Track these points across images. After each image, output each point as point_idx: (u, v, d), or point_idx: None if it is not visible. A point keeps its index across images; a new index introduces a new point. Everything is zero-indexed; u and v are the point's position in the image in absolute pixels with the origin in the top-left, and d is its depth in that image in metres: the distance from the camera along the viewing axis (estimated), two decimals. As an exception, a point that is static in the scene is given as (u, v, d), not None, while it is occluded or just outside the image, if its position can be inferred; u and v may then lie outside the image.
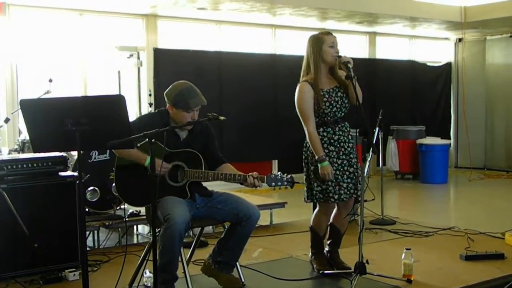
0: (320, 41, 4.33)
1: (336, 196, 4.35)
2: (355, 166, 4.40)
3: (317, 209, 4.58)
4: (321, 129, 4.38)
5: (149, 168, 3.30)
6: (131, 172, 3.96)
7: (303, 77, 4.42)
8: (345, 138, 4.41)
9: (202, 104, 4.00)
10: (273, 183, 3.89)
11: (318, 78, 4.34)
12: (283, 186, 3.95)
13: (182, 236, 3.73)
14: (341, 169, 4.37)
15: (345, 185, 4.36)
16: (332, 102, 4.35)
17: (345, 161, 4.39)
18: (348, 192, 4.38)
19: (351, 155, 4.40)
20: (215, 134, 4.32)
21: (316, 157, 4.30)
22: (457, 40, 12.45)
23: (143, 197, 3.93)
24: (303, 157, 4.49)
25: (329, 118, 4.37)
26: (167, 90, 4.06)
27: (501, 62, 11.98)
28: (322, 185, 4.34)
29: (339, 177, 4.35)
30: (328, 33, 4.41)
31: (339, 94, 4.38)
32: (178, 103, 3.96)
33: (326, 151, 4.35)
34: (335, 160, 4.36)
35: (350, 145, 4.42)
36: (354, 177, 4.39)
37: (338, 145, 4.38)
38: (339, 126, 4.40)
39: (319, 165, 4.29)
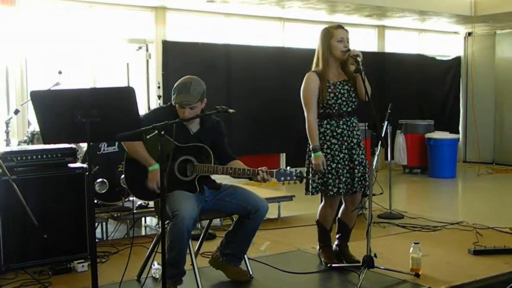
0: (329, 35, 4.34)
1: (335, 189, 4.35)
2: (357, 162, 4.37)
3: (322, 202, 4.59)
4: (325, 122, 4.39)
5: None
6: (141, 165, 3.95)
7: (313, 68, 4.43)
8: (349, 132, 4.39)
9: (185, 103, 3.88)
10: (282, 178, 3.88)
11: (326, 71, 4.35)
12: (292, 181, 3.94)
13: (189, 232, 3.73)
14: (342, 163, 4.37)
15: (344, 179, 4.36)
16: (338, 94, 4.34)
17: (346, 156, 4.38)
18: (346, 187, 4.37)
19: (353, 151, 4.38)
20: (225, 130, 4.30)
21: (311, 146, 4.33)
22: (467, 34, 12.39)
23: (152, 191, 3.93)
24: (307, 150, 4.48)
25: (334, 110, 4.36)
26: None
27: (511, 56, 11.90)
28: (323, 177, 4.35)
29: (340, 171, 4.35)
30: (338, 26, 4.39)
31: (346, 87, 4.37)
32: (172, 97, 3.99)
33: (328, 143, 4.36)
34: (337, 153, 4.36)
35: (355, 140, 4.39)
36: (357, 173, 4.37)
37: (341, 139, 4.37)
38: (344, 120, 4.39)
39: (312, 154, 4.32)
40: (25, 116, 7.59)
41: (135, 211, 5.47)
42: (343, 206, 4.59)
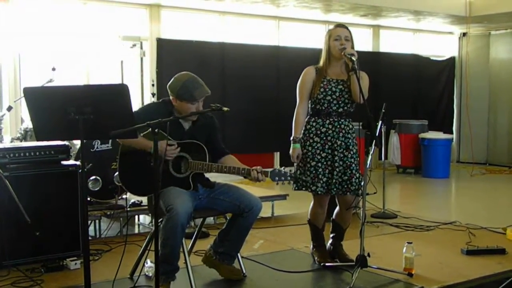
0: (328, 34, 4.42)
1: (313, 187, 4.35)
2: (338, 164, 4.33)
3: (312, 202, 4.58)
4: (312, 119, 4.42)
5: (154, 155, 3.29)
6: (135, 161, 3.95)
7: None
8: (334, 133, 4.36)
9: (207, 95, 3.98)
10: (277, 178, 3.88)
11: (325, 67, 4.40)
12: (286, 181, 3.94)
13: (184, 227, 3.73)
14: (324, 163, 4.36)
15: (324, 179, 4.34)
16: (328, 91, 4.34)
17: (329, 156, 4.36)
18: (326, 187, 4.35)
19: (336, 152, 4.34)
20: (218, 125, 4.30)
21: (292, 136, 4.37)
22: (461, 35, 12.42)
23: (146, 186, 3.92)
24: None
25: (323, 108, 4.36)
26: (169, 83, 4.01)
27: (505, 57, 11.94)
28: (303, 175, 4.35)
29: (320, 170, 4.34)
30: (337, 25, 4.45)
31: (340, 86, 4.37)
32: (183, 95, 3.93)
33: (311, 141, 4.38)
34: (318, 152, 4.37)
35: (339, 142, 4.35)
36: (335, 174, 4.32)
37: (324, 138, 4.37)
38: (331, 120, 4.38)
39: (291, 145, 4.37)
40: (18, 113, 7.55)
41: (128, 209, 5.46)
42: (337, 208, 4.58)
